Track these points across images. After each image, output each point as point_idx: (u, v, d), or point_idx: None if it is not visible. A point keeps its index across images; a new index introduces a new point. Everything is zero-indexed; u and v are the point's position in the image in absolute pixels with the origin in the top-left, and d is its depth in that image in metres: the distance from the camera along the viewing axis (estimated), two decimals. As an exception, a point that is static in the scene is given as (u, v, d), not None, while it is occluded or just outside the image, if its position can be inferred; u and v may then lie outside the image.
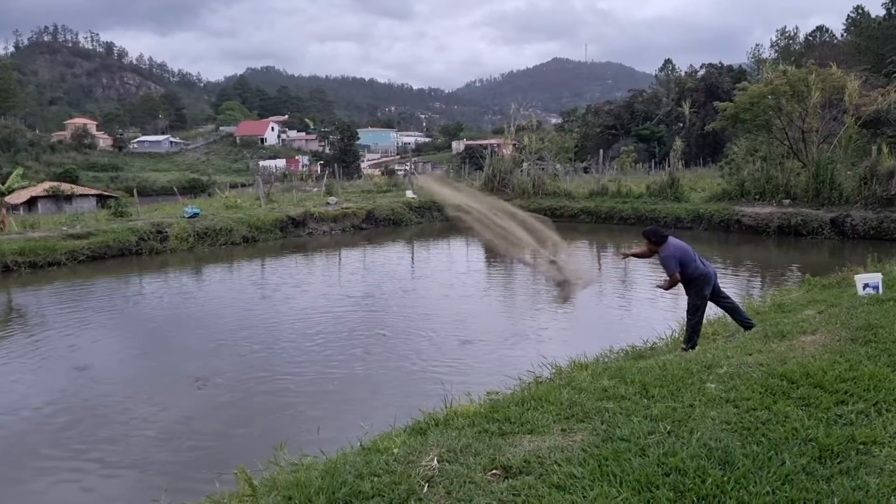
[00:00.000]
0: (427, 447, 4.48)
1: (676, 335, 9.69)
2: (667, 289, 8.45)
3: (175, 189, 41.33)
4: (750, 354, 6.34)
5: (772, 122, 26.69)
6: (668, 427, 4.55)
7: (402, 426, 5.46)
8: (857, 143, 27.02)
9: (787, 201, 25.66)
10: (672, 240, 8.22)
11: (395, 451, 4.51)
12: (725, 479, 3.74)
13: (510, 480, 3.91)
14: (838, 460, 3.97)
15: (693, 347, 7.95)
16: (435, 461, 4.20)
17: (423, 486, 3.89)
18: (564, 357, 8.61)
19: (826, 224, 23.73)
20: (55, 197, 46.46)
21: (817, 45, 66.02)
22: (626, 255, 9.45)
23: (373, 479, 4.06)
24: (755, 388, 5.19)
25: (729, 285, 17.10)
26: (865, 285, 8.93)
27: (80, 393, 9.37)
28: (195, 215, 25.04)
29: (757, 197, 26.53)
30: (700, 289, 8.25)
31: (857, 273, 11.59)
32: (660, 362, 6.32)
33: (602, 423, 4.72)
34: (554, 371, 7.71)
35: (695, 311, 8.31)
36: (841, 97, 26.19)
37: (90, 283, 17.93)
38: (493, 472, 4.02)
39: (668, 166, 31.32)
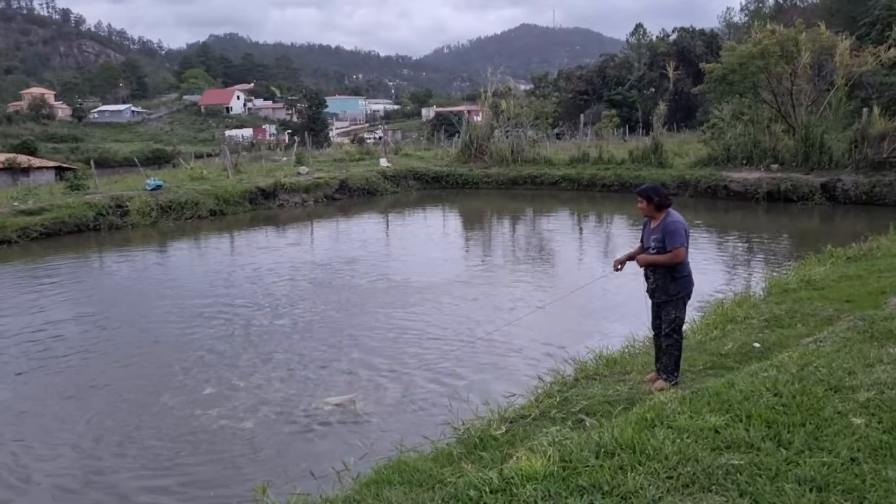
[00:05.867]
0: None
1: (697, 323, 8.64)
2: (646, 265, 6.22)
3: (136, 160, 39.56)
4: (871, 366, 5.01)
5: (759, 83, 25.81)
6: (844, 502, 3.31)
7: (444, 496, 3.77)
8: (846, 105, 26.31)
9: (775, 166, 24.98)
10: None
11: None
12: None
13: None
14: None
15: (677, 382, 6.06)
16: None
17: None
18: (570, 342, 7.69)
19: (816, 189, 23.10)
20: (11, 170, 44.39)
21: (788, 9, 65.36)
22: (621, 264, 6.52)
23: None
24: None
25: (720, 254, 16.38)
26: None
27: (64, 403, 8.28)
28: (158, 188, 23.61)
29: (744, 162, 25.79)
30: (688, 293, 6.20)
31: (879, 241, 10.84)
32: (767, 383, 4.82)
33: (742, 497, 3.37)
34: (577, 368, 6.64)
35: (679, 328, 6.21)
36: (829, 58, 25.43)
37: (45, 263, 16.60)
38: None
39: (651, 132, 30.43)
